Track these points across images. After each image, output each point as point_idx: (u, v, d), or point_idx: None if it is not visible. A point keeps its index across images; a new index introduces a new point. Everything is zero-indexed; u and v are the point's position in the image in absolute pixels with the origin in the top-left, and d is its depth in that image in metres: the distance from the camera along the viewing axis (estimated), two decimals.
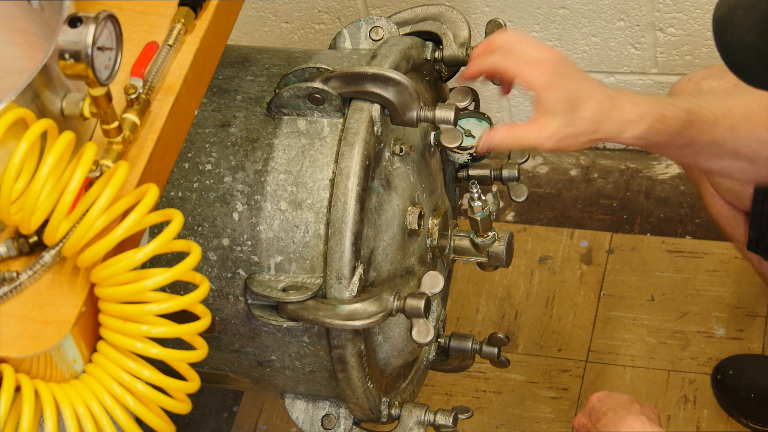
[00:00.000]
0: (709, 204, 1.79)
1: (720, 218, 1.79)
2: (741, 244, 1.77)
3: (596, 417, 1.44)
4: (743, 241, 1.75)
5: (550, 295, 2.27)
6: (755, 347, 2.13)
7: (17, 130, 1.08)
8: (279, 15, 2.43)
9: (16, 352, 1.10)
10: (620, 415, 1.41)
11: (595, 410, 1.45)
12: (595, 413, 1.45)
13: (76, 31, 1.06)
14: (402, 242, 1.60)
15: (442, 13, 1.71)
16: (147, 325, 1.13)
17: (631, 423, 1.40)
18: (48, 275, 1.14)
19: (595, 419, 1.44)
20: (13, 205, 1.10)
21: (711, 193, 1.76)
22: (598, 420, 1.44)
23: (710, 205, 1.79)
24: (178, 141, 1.27)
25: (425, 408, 1.63)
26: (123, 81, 1.22)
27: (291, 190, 1.52)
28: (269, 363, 1.60)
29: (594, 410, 1.46)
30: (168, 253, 1.17)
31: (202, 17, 1.32)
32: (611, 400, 1.45)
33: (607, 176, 2.44)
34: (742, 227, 1.75)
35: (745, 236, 1.74)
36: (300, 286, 1.49)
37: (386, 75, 1.49)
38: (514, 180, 1.79)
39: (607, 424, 1.42)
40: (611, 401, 1.45)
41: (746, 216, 1.73)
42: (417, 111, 1.50)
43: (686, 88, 1.74)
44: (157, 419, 1.16)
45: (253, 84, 1.60)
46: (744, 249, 1.76)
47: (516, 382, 2.17)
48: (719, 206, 1.77)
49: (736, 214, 1.75)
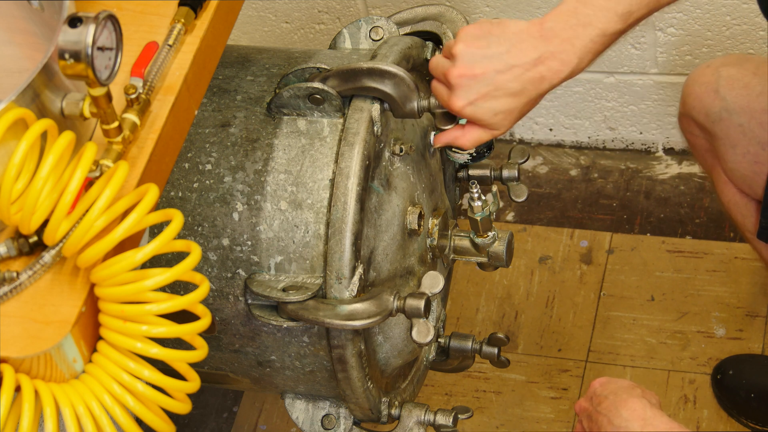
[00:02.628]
0: (721, 191, 1.79)
1: (731, 206, 1.79)
2: (751, 233, 1.77)
3: (597, 401, 1.44)
4: (753, 230, 1.75)
5: (550, 295, 2.27)
6: (755, 347, 2.13)
7: (17, 130, 1.08)
8: (279, 15, 2.43)
9: (16, 352, 1.10)
10: (622, 398, 1.41)
11: (596, 394, 1.45)
12: (596, 397, 1.45)
13: (76, 31, 1.06)
14: (402, 242, 1.60)
15: (442, 13, 1.71)
16: (147, 325, 1.13)
17: (632, 405, 1.40)
18: (48, 275, 1.14)
19: (596, 402, 1.44)
20: (13, 205, 1.10)
21: (723, 180, 1.77)
22: (599, 403, 1.43)
23: (722, 193, 1.79)
24: (178, 141, 1.27)
25: (425, 408, 1.63)
26: (123, 81, 1.22)
27: (291, 190, 1.52)
28: (269, 363, 1.60)
29: (595, 394, 1.46)
30: (168, 253, 1.17)
31: (202, 17, 1.32)
32: (613, 385, 1.45)
33: (607, 176, 2.44)
34: (754, 216, 1.76)
35: (755, 225, 1.74)
36: (300, 286, 1.49)
37: (381, 68, 1.49)
38: (514, 180, 1.79)
39: (609, 407, 1.41)
40: (613, 385, 1.45)
41: (758, 204, 1.74)
42: (417, 102, 1.50)
43: (704, 75, 1.75)
44: (157, 419, 1.16)
45: (253, 84, 1.60)
46: (754, 238, 1.76)
47: (516, 382, 2.17)
48: (731, 194, 1.78)
49: (748, 202, 1.76)
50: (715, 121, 1.73)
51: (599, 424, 1.42)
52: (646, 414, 1.39)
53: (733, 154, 1.72)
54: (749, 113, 1.70)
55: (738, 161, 1.72)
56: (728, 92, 1.72)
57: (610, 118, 2.43)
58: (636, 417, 1.39)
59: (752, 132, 1.70)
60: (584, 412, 1.47)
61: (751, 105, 1.70)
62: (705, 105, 1.74)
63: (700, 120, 1.76)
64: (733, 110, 1.71)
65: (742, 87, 1.71)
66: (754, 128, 1.70)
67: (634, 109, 2.40)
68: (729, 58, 1.77)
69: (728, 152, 1.73)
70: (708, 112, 1.74)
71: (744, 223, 1.79)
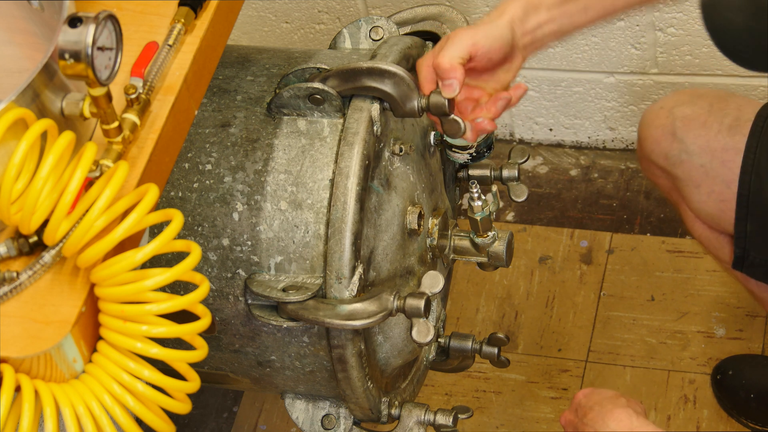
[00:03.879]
0: (690, 228, 1.78)
1: (703, 240, 1.78)
2: (726, 264, 1.76)
3: (582, 412, 1.44)
4: (728, 261, 1.73)
5: (550, 295, 2.27)
6: (755, 347, 2.13)
7: (17, 130, 1.08)
8: (279, 15, 2.43)
9: (16, 352, 1.10)
10: (607, 409, 1.41)
11: (581, 406, 1.45)
12: (581, 409, 1.45)
13: (76, 31, 1.06)
14: (402, 242, 1.60)
15: (442, 13, 1.71)
16: (147, 325, 1.13)
17: (618, 416, 1.39)
18: (48, 275, 1.14)
19: (581, 414, 1.44)
20: (13, 205, 1.10)
21: (691, 217, 1.75)
22: (584, 415, 1.43)
23: (692, 229, 1.78)
24: (178, 141, 1.27)
25: (425, 408, 1.63)
26: (123, 81, 1.22)
27: (291, 190, 1.52)
28: (269, 363, 1.60)
29: (580, 406, 1.45)
30: (168, 253, 1.17)
31: (202, 17, 1.32)
32: (597, 395, 1.45)
33: (607, 176, 2.44)
34: (726, 248, 1.74)
35: (729, 256, 1.72)
36: (300, 286, 1.49)
37: (381, 68, 1.49)
38: (514, 180, 1.79)
39: (594, 419, 1.41)
40: (597, 396, 1.44)
41: (729, 237, 1.72)
42: (417, 101, 1.50)
43: (659, 117, 1.73)
44: (157, 419, 1.16)
45: (253, 84, 1.60)
46: (729, 268, 1.75)
47: (516, 382, 2.17)
48: (701, 230, 1.76)
49: (719, 236, 1.74)
50: (676, 164, 1.70)
51: None
52: (633, 423, 1.39)
53: (698, 194, 1.70)
54: (710, 153, 1.67)
55: (703, 201, 1.70)
56: (686, 134, 1.69)
57: (610, 118, 2.43)
58: (623, 427, 1.39)
59: (715, 171, 1.67)
60: (570, 425, 1.47)
61: (710, 144, 1.67)
62: (663, 148, 1.71)
63: (660, 163, 1.73)
64: (693, 152, 1.68)
65: (699, 127, 1.68)
66: (717, 167, 1.67)
67: (634, 109, 2.40)
68: (681, 96, 1.74)
69: (693, 192, 1.70)
70: (667, 156, 1.71)
71: (718, 255, 1.78)
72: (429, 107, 1.48)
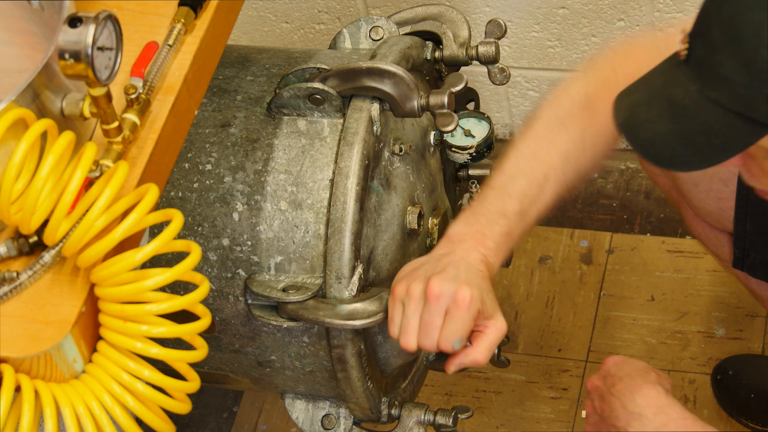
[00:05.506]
0: (690, 225, 1.78)
1: (704, 239, 1.78)
2: (726, 262, 1.76)
3: (611, 381, 1.41)
4: (728, 260, 1.74)
5: (550, 295, 2.27)
6: (755, 347, 2.13)
7: (17, 130, 1.08)
8: (279, 15, 2.43)
9: (16, 352, 1.10)
10: (636, 383, 1.38)
11: (610, 374, 1.42)
12: (610, 377, 1.42)
13: (76, 31, 1.06)
14: (402, 242, 1.60)
15: (442, 13, 1.71)
16: (147, 325, 1.13)
17: (647, 392, 1.37)
18: (48, 275, 1.14)
19: (610, 383, 1.41)
20: (13, 205, 1.10)
21: (691, 215, 1.75)
22: (613, 385, 1.41)
23: (692, 227, 1.78)
24: (178, 141, 1.27)
25: (425, 408, 1.63)
26: (123, 81, 1.22)
27: (291, 190, 1.52)
28: (269, 363, 1.60)
29: (609, 374, 1.42)
30: (168, 253, 1.17)
31: (202, 17, 1.32)
32: (628, 366, 1.42)
33: (607, 176, 2.44)
34: (726, 246, 1.74)
35: (729, 255, 1.73)
36: (300, 286, 1.49)
37: (381, 68, 1.49)
38: None
39: (623, 391, 1.39)
40: (628, 367, 1.42)
41: (729, 235, 1.72)
42: (417, 101, 1.50)
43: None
44: (157, 419, 1.16)
45: (253, 84, 1.60)
46: (730, 267, 1.75)
47: (516, 382, 2.17)
48: (701, 228, 1.76)
49: (719, 234, 1.74)
50: None
51: (611, 406, 1.40)
52: (661, 402, 1.37)
53: (697, 192, 1.70)
54: None
55: (702, 199, 1.70)
56: None
57: None
58: (650, 404, 1.37)
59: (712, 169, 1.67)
60: (596, 391, 1.44)
61: None
62: None
63: None
64: None
65: None
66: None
67: None
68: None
69: (691, 191, 1.70)
70: None
71: (718, 253, 1.78)
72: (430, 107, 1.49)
